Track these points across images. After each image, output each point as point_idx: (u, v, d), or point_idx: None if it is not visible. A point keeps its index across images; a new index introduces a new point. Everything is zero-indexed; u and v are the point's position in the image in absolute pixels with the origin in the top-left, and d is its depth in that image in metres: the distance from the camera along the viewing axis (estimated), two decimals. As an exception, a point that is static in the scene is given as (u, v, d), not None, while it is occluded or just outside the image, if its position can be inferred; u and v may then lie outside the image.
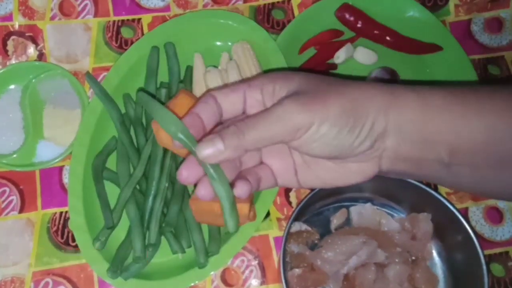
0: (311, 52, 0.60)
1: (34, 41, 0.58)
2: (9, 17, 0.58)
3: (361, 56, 0.60)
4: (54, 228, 0.53)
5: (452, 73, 0.59)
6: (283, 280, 0.45)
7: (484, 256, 0.46)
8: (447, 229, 0.50)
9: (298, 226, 0.51)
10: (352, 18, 0.59)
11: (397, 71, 0.58)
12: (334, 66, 0.60)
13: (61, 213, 0.53)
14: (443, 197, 0.48)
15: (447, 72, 0.59)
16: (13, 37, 0.58)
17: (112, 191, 0.52)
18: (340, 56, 0.59)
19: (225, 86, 0.42)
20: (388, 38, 0.59)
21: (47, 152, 0.54)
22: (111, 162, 0.53)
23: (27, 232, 0.52)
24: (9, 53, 0.57)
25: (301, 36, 0.60)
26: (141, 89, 0.55)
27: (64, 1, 0.59)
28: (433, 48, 0.60)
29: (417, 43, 0.60)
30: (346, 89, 0.34)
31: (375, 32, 0.60)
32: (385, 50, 0.60)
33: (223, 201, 0.33)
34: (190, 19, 0.57)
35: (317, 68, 0.59)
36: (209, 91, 0.37)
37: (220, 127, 0.36)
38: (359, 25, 0.60)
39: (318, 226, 0.52)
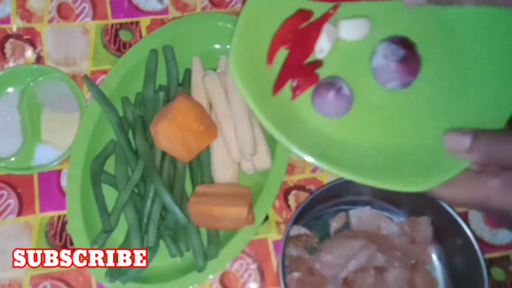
0: (282, 55, 0.43)
1: (32, 44, 0.58)
2: (7, 20, 0.58)
3: (349, 31, 0.43)
4: (52, 232, 0.52)
5: (494, 40, 0.41)
6: (282, 284, 0.45)
7: (484, 260, 0.46)
8: (447, 232, 0.50)
9: (297, 230, 0.51)
10: None
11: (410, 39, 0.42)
12: (319, 63, 0.43)
13: (59, 216, 0.53)
14: (443, 200, 0.47)
15: (487, 39, 0.42)
16: (11, 40, 0.58)
17: (110, 194, 0.52)
18: (323, 47, 0.43)
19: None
20: None
21: (45, 155, 0.54)
22: (110, 165, 0.53)
23: (25, 236, 0.52)
24: (7, 56, 0.57)
25: (259, 39, 0.42)
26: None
27: (62, 4, 0.59)
28: None
29: None
30: None
31: None
32: (383, 9, 0.43)
33: None
34: (189, 22, 0.57)
35: (299, 75, 0.42)
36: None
37: None
38: None
39: (317, 230, 0.52)
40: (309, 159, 0.38)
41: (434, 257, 0.52)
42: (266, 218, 0.53)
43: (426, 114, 0.42)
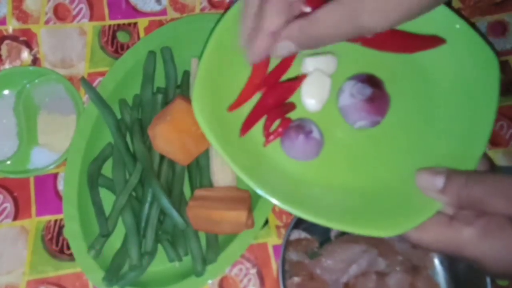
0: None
1: (28, 45, 0.57)
2: (2, 21, 0.57)
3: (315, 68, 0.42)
4: (49, 236, 0.52)
5: (463, 76, 0.41)
6: (282, 290, 0.44)
7: (487, 264, 0.45)
8: (449, 236, 0.49)
9: (297, 234, 0.51)
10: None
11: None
12: (292, 106, 0.42)
13: (55, 220, 0.52)
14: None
15: (456, 76, 0.41)
16: (6, 41, 0.57)
17: (108, 198, 0.51)
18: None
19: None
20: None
21: (41, 158, 0.53)
22: (107, 169, 0.53)
23: (21, 240, 0.51)
24: (3, 57, 0.56)
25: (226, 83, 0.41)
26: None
27: (59, 5, 0.59)
28: (431, 41, 0.41)
29: (405, 35, 0.40)
30: None
31: None
32: (349, 45, 0.41)
33: None
34: (187, 23, 0.56)
35: (273, 118, 0.41)
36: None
37: None
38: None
39: (317, 234, 0.52)
40: (274, 201, 0.37)
41: (436, 261, 0.52)
42: (266, 222, 0.53)
43: (397, 153, 0.41)
